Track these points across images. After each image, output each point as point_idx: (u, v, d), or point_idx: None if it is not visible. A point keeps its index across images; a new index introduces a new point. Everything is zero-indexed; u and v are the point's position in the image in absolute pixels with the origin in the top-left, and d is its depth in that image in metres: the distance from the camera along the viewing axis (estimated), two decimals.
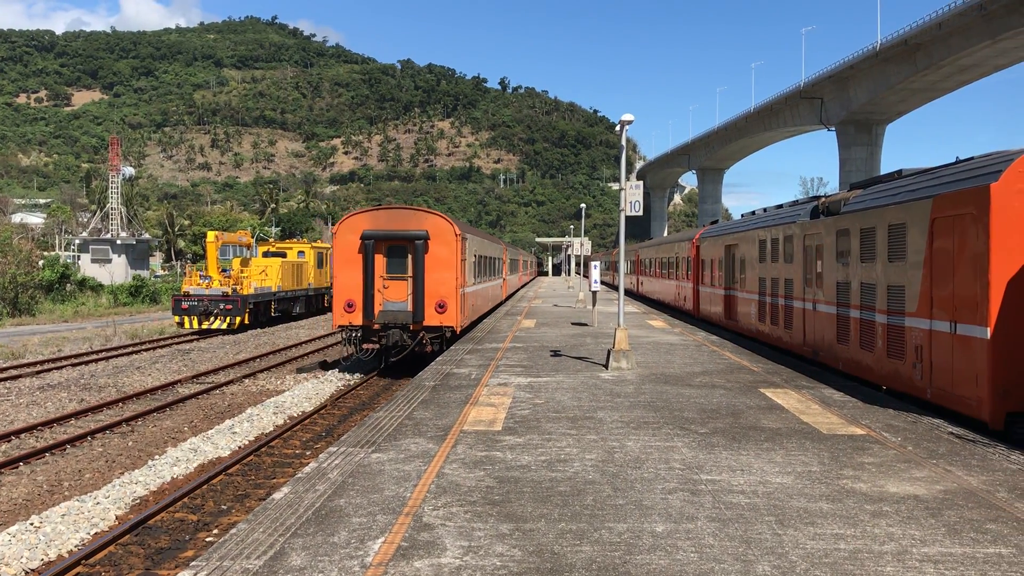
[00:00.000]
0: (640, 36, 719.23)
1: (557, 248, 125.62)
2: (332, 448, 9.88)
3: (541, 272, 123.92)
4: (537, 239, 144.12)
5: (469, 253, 24.88)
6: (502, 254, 40.02)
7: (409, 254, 21.42)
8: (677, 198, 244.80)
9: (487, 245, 32.01)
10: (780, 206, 21.91)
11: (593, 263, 28.54)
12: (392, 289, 21.49)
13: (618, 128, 17.27)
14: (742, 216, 26.88)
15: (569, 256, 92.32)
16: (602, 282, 64.21)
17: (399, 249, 21.46)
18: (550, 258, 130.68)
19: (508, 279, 45.72)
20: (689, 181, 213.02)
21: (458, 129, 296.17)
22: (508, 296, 45.98)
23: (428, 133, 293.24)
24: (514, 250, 59.08)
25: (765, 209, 24.34)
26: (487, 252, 31.33)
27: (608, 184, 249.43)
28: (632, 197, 17.54)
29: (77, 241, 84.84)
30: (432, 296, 21.41)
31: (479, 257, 28.12)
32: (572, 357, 18.60)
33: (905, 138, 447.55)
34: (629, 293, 52.46)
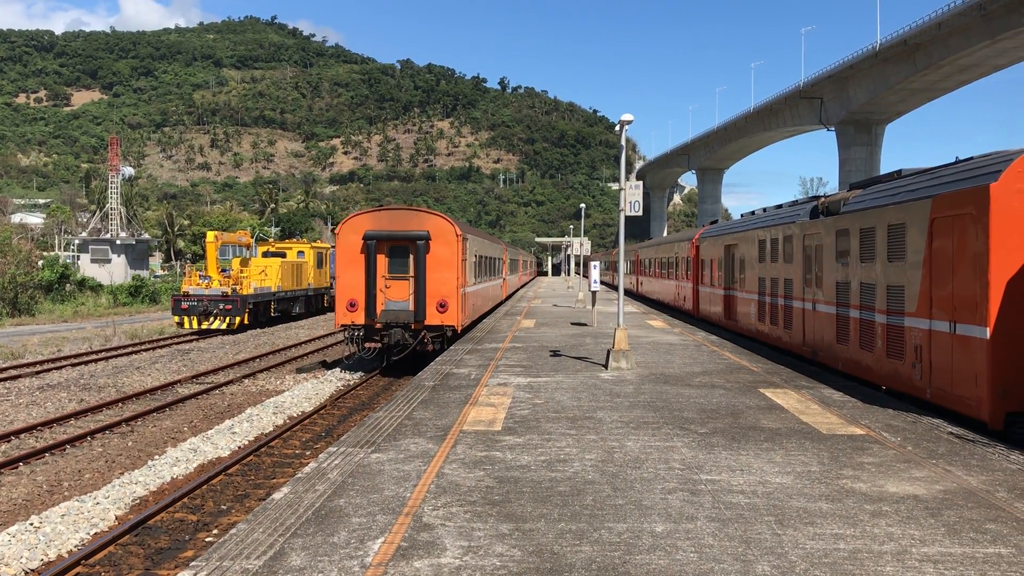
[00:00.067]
0: (640, 36, 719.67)
1: (557, 248, 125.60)
2: (332, 448, 9.89)
3: (541, 272, 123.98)
4: (537, 239, 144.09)
5: (470, 253, 24.97)
6: (502, 254, 40.07)
7: (411, 254, 21.60)
8: (677, 198, 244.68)
9: (487, 245, 32.06)
10: (780, 206, 21.91)
11: (593, 263, 28.55)
12: (394, 289, 21.67)
13: (618, 128, 17.27)
14: (742, 216, 26.88)
15: (569, 256, 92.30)
16: (602, 282, 64.26)
17: (401, 249, 21.67)
18: (550, 258, 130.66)
19: (508, 279, 45.74)
20: (689, 181, 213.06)
21: (458, 129, 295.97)
22: (508, 296, 46.00)
23: (428, 133, 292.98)
24: (514, 250, 59.11)
25: (765, 209, 24.34)
26: (487, 252, 31.38)
27: (608, 184, 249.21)
28: (632, 197, 17.55)
29: (76, 241, 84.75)
30: (433, 296, 21.61)
31: (479, 257, 28.21)
32: (572, 357, 18.61)
33: (905, 138, 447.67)
34: (629, 293, 52.47)
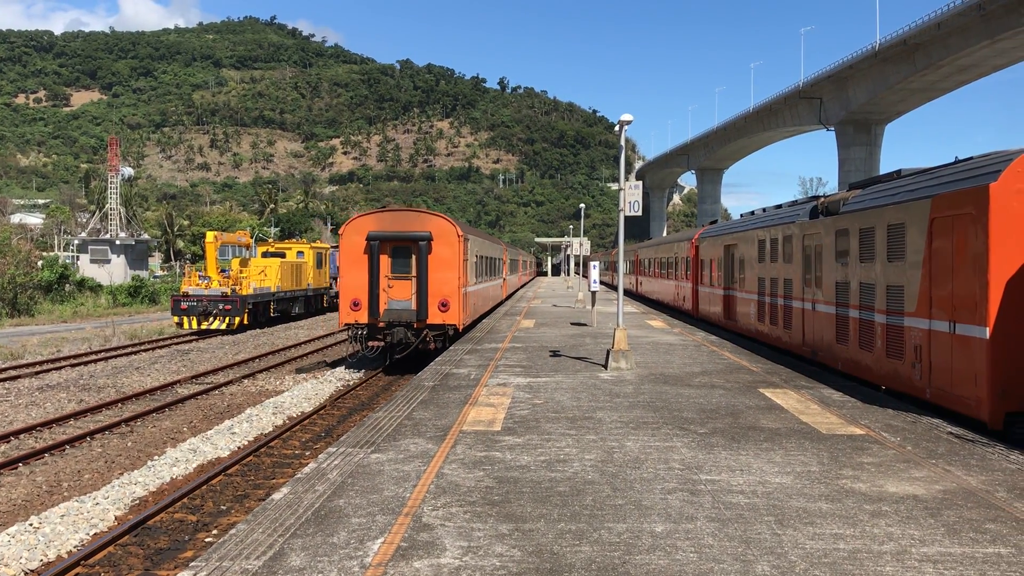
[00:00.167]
0: (640, 36, 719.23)
1: (556, 248, 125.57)
2: (331, 448, 9.88)
3: (540, 272, 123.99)
4: (536, 239, 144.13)
5: (471, 254, 25.11)
6: (502, 254, 40.14)
7: (413, 254, 21.90)
8: (676, 198, 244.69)
9: (488, 246, 32.14)
10: (779, 206, 21.91)
11: (592, 263, 28.56)
12: (397, 288, 21.96)
13: (617, 128, 17.27)
14: (741, 216, 26.89)
15: (568, 256, 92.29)
16: (601, 282, 64.27)
17: (403, 250, 21.99)
18: (549, 258, 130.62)
19: (508, 279, 45.77)
20: (688, 181, 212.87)
21: (457, 129, 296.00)
22: (508, 296, 46.03)
23: (427, 133, 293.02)
24: (514, 250, 59.16)
25: (764, 209, 24.35)
26: (488, 252, 31.47)
27: (607, 184, 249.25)
28: (631, 197, 17.54)
29: (76, 241, 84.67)
30: (435, 295, 21.89)
31: (480, 257, 28.33)
32: (571, 357, 18.61)
33: (904, 138, 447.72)
34: (628, 293, 52.48)
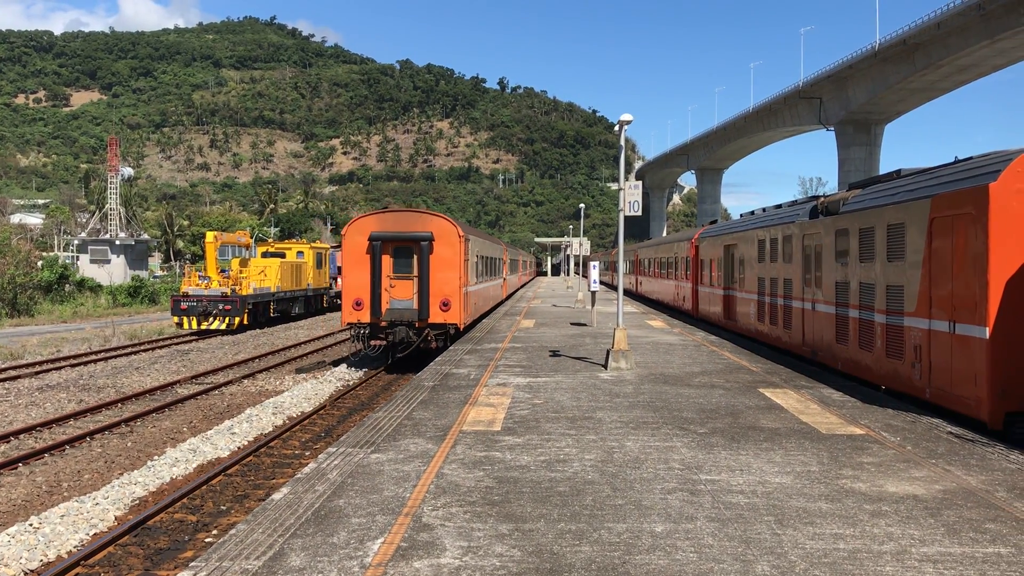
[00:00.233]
0: (639, 36, 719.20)
1: (556, 248, 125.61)
2: (331, 448, 9.88)
3: (540, 272, 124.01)
4: (536, 239, 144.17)
5: (472, 254, 25.21)
6: (502, 254, 40.19)
7: (415, 255, 22.09)
8: (676, 198, 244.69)
9: (488, 246, 32.21)
10: (779, 206, 21.92)
11: (592, 263, 28.57)
12: (398, 288, 22.16)
13: (617, 128, 17.27)
14: (741, 216, 26.89)
15: (568, 256, 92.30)
16: (601, 282, 64.28)
17: (405, 250, 22.19)
18: (549, 258, 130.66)
19: (508, 279, 45.80)
20: (688, 181, 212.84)
21: (457, 129, 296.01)
22: (508, 296, 46.06)
23: (427, 133, 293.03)
24: (514, 250, 59.19)
25: (764, 209, 24.35)
26: (488, 253, 31.55)
27: (607, 184, 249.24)
28: (631, 197, 17.54)
29: (76, 242, 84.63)
30: (437, 295, 22.07)
31: (481, 257, 28.46)
32: (571, 357, 18.61)
33: (904, 138, 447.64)
34: (628, 293, 52.48)
